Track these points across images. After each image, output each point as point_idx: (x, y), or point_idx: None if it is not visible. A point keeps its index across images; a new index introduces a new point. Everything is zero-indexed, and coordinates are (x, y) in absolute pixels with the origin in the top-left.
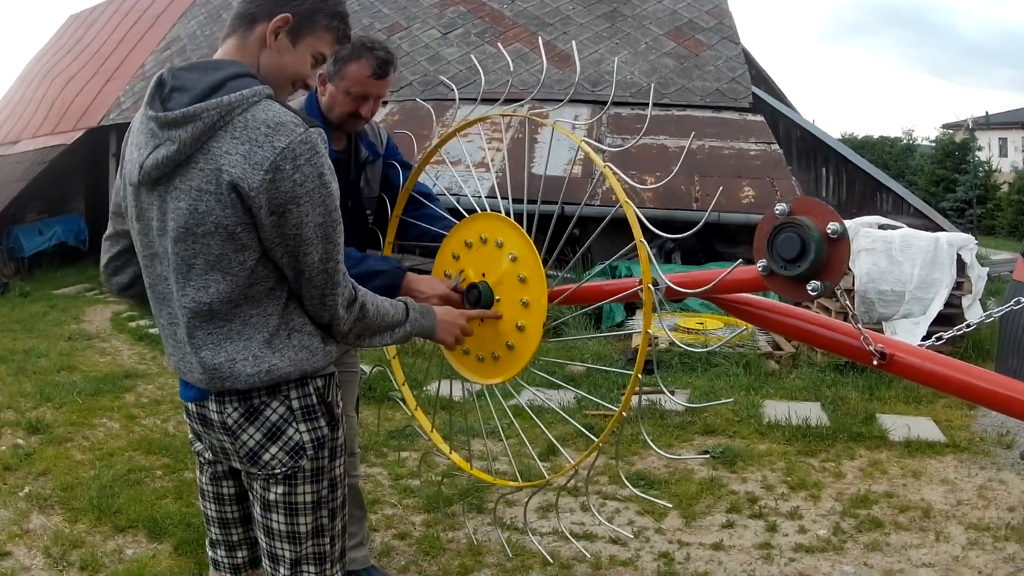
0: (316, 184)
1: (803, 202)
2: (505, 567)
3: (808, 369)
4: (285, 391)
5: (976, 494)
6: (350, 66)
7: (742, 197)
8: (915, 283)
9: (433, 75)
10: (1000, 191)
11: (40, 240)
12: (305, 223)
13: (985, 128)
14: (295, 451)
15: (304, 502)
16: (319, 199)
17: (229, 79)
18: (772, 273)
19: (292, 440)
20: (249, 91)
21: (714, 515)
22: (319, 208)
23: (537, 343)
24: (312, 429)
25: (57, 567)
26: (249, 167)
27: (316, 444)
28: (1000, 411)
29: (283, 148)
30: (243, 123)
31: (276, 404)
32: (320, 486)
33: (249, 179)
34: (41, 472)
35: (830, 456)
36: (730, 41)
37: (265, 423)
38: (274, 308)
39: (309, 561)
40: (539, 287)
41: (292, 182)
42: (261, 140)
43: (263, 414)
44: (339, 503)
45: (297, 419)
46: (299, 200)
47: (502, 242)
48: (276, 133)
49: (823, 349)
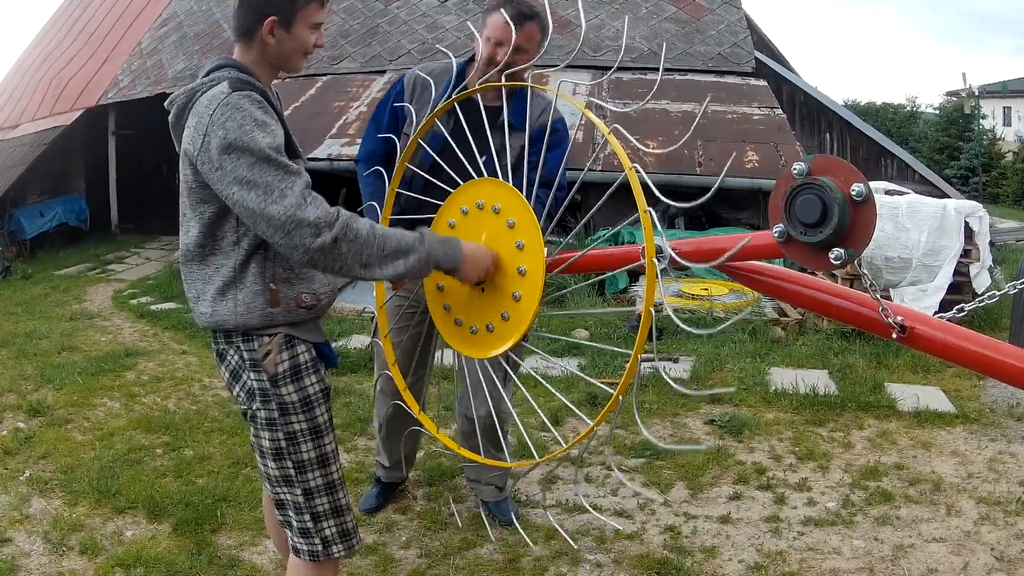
0: (239, 134)
1: (823, 161)
2: (508, 541)
3: (815, 336)
4: (235, 340)
5: (987, 467)
6: (490, 16)
7: (746, 162)
8: (922, 250)
9: (431, 43)
10: (1004, 159)
11: (41, 222)
12: (239, 166)
13: (988, 96)
14: (250, 394)
15: (264, 448)
16: (243, 147)
17: (212, 71)
18: (790, 239)
19: (247, 384)
20: (210, 77)
21: (721, 486)
22: (247, 155)
23: (533, 313)
24: (258, 379)
25: (57, 552)
26: (194, 134)
27: (262, 394)
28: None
29: (211, 113)
30: (199, 102)
31: (232, 351)
32: (275, 435)
33: (194, 144)
34: (41, 455)
35: (838, 426)
36: (732, 5)
37: (230, 364)
38: (233, 262)
39: (285, 506)
40: (537, 255)
41: (219, 139)
42: (202, 111)
43: (227, 356)
44: (307, 458)
45: (246, 367)
46: (229, 150)
47: (500, 208)
48: (211, 103)
49: (839, 320)
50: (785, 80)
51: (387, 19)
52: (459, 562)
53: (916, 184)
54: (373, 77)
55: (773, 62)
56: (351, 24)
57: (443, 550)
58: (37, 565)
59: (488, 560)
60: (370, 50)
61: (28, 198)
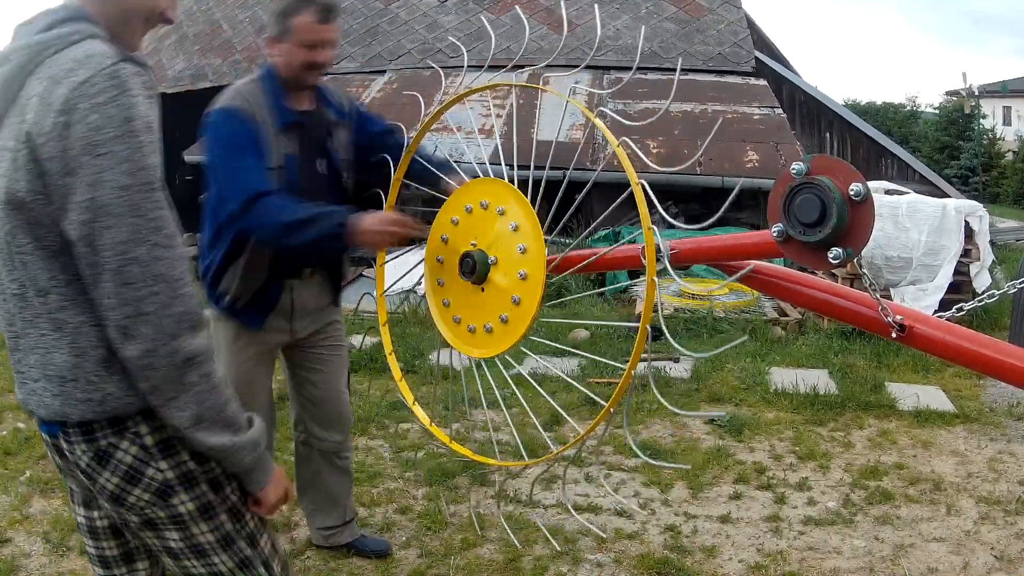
0: (121, 131)
1: (822, 161)
2: (508, 541)
3: (815, 335)
4: (133, 427)
5: (987, 467)
6: (295, 19)
7: (746, 161)
8: (922, 250)
9: (431, 43)
10: (1004, 159)
11: None
12: (102, 182)
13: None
14: (162, 491)
15: (208, 542)
16: (123, 153)
17: (57, 23)
18: (789, 238)
19: (156, 480)
20: (69, 28)
21: (721, 486)
22: (124, 165)
23: (532, 318)
24: (177, 465)
25: (57, 552)
26: (42, 108)
27: (184, 479)
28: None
29: (80, 83)
30: (52, 62)
31: (126, 444)
32: (218, 521)
33: (41, 123)
34: (41, 455)
35: (839, 425)
36: (732, 5)
37: (119, 467)
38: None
39: (234, 573)
40: (538, 261)
41: (86, 125)
42: (61, 77)
43: (114, 456)
44: (254, 527)
45: (155, 457)
46: (95, 149)
47: (504, 210)
48: (80, 67)
49: (839, 320)
50: (785, 80)
51: (387, 19)
52: (459, 562)
53: (916, 184)
54: (373, 77)
55: (773, 62)
56: (351, 24)
57: (443, 550)
58: (37, 565)
59: (488, 560)
60: (370, 50)
61: None
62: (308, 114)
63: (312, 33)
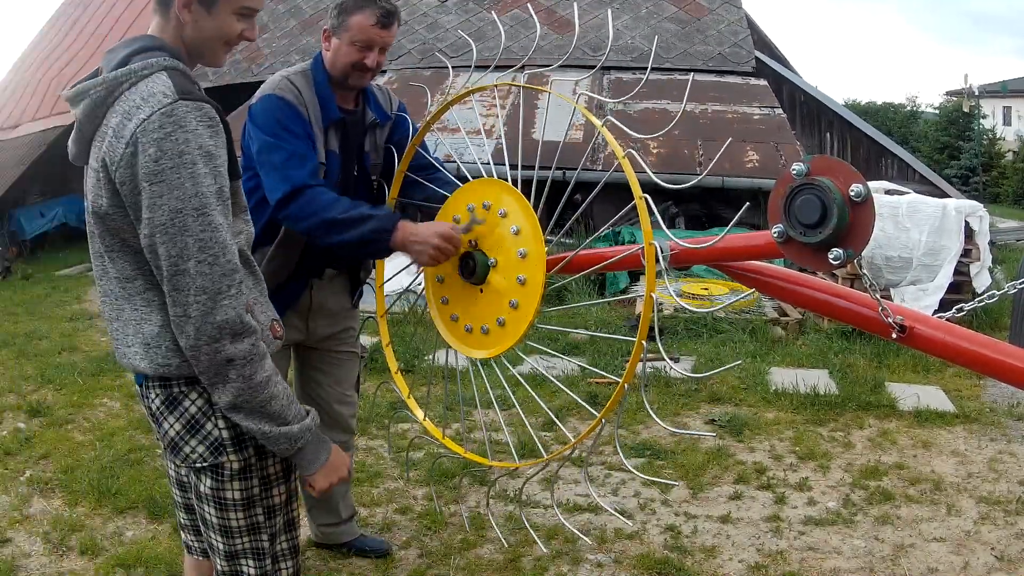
0: (175, 163)
1: (822, 161)
2: (508, 541)
3: (815, 335)
4: (202, 385)
5: (987, 467)
6: (354, 16)
7: (746, 161)
8: (922, 250)
9: (432, 43)
10: (1004, 159)
11: (42, 222)
12: (158, 205)
13: (988, 96)
14: (215, 447)
15: (233, 499)
16: (176, 181)
17: (134, 54)
18: (789, 239)
19: (211, 435)
20: (140, 64)
21: (721, 486)
22: (176, 192)
23: (529, 323)
24: (232, 425)
25: (57, 552)
26: (116, 139)
27: (236, 441)
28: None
29: (144, 119)
30: (127, 97)
31: (195, 395)
32: (250, 483)
33: (113, 152)
34: (42, 455)
35: (839, 425)
36: (732, 5)
37: (184, 414)
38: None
39: (246, 555)
40: (538, 267)
41: (146, 156)
42: (132, 112)
43: (182, 404)
44: (277, 501)
45: (216, 413)
46: (153, 177)
47: (505, 212)
48: (144, 104)
49: (839, 320)
50: (785, 80)
51: None
52: (459, 562)
53: (916, 184)
54: None
55: (773, 62)
56: None
57: (443, 550)
58: (37, 565)
59: (488, 560)
60: None
61: (28, 198)
62: (352, 112)
63: (367, 33)
